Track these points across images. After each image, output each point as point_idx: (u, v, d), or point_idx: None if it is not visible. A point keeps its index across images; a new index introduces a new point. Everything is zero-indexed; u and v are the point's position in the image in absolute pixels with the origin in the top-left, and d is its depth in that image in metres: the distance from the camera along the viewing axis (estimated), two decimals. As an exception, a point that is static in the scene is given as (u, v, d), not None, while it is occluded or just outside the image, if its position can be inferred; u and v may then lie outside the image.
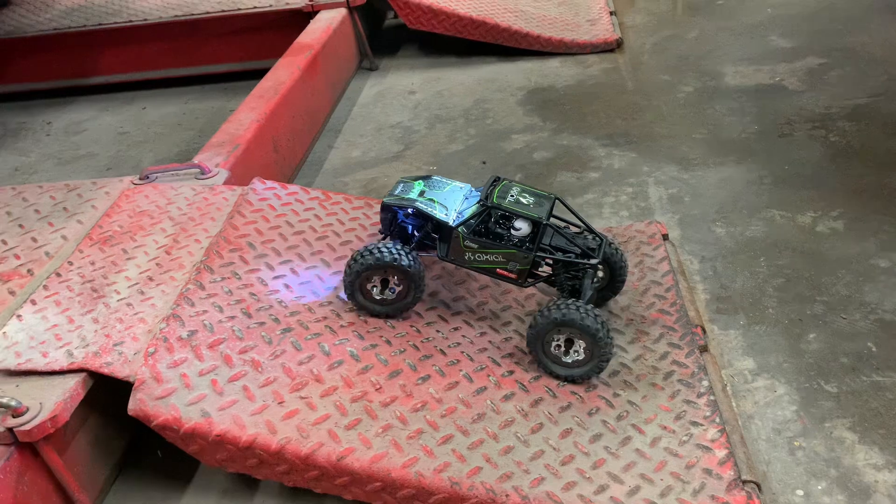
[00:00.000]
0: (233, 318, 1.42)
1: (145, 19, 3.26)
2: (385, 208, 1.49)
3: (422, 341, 1.47)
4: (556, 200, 1.48)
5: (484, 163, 2.45)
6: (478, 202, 1.44)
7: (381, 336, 1.46)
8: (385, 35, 3.64)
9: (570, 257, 1.44)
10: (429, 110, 2.88)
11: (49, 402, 1.22)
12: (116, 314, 1.40)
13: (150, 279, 1.50)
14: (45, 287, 1.48)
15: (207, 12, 3.23)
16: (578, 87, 2.89)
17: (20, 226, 1.76)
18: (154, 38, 3.31)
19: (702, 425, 1.33)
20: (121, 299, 1.44)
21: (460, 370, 1.41)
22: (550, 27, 3.26)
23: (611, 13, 3.43)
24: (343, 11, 3.11)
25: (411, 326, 1.50)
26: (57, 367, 1.28)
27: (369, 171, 2.51)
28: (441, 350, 1.45)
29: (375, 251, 1.43)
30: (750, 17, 3.30)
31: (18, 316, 1.41)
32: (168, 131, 2.96)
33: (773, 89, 2.66)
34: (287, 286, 1.53)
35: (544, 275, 1.49)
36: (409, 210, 1.47)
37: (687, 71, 2.89)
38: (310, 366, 1.36)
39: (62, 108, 3.30)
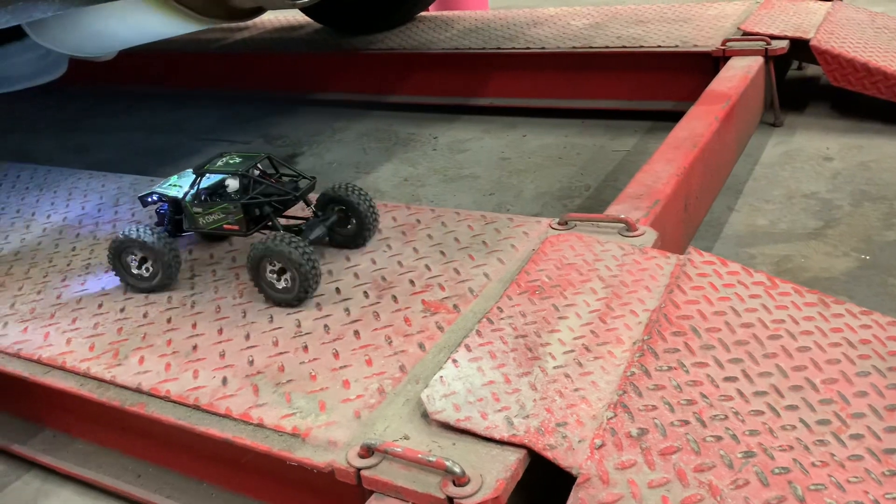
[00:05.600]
0: (686, 422, 1.20)
1: (543, 48, 3.24)
2: (140, 200, 1.76)
3: (923, 513, 1.12)
4: (268, 158, 1.70)
5: (940, 265, 1.98)
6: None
7: (867, 491, 1.14)
8: (789, 87, 3.24)
9: (270, 199, 1.63)
10: (852, 184, 2.45)
11: (490, 477, 1.10)
12: (555, 384, 1.26)
13: (587, 349, 1.34)
14: (479, 333, 1.40)
15: (607, 47, 3.12)
16: None
17: (441, 252, 1.74)
18: (544, 67, 3.28)
19: None
20: (557, 366, 1.30)
21: None
22: None
23: None
24: (759, 60, 2.79)
25: (905, 487, 1.15)
26: (496, 436, 1.16)
27: (780, 247, 2.17)
28: (955, 535, 1.09)
29: (127, 230, 1.66)
30: None
31: (454, 361, 1.33)
32: (549, 164, 2.89)
33: None
34: (741, 393, 1.28)
35: (263, 223, 1.66)
36: (155, 197, 1.73)
37: None
38: (780, 511, 1.09)
39: (447, 124, 3.42)
